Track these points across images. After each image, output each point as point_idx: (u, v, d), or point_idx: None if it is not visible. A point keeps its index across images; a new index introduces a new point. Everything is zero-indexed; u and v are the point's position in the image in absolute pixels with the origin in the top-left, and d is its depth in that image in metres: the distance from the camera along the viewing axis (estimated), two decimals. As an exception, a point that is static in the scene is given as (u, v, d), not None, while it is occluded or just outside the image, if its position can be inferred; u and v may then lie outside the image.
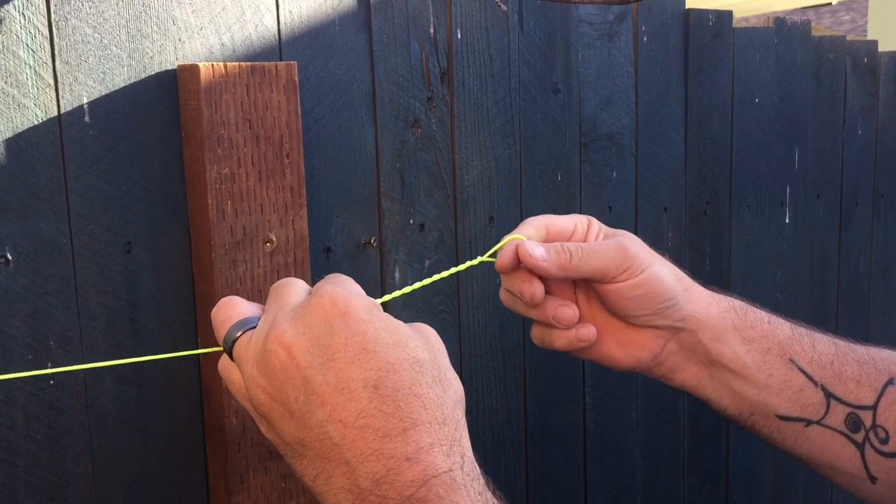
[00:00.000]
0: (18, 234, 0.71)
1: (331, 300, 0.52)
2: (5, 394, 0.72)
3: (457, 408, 0.52)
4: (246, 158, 0.79)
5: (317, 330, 0.51)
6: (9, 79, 0.70)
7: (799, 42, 1.39)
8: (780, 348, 0.71)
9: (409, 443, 0.48)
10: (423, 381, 0.51)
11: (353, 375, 0.50)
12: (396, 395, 0.49)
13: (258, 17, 0.83)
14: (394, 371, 0.50)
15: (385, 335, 0.52)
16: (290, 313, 0.53)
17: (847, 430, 0.70)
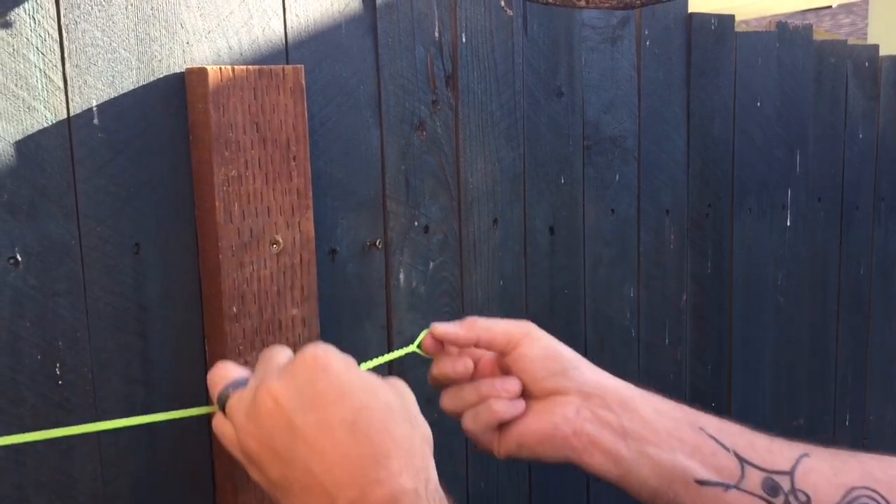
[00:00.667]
0: (28, 236, 0.72)
1: (313, 356, 0.60)
2: (14, 394, 0.73)
3: (424, 445, 0.60)
4: (253, 161, 0.80)
5: (300, 380, 0.59)
6: (19, 81, 0.71)
7: (800, 46, 1.40)
8: (689, 418, 0.73)
9: (380, 470, 0.56)
10: (393, 421, 0.58)
11: (332, 416, 0.57)
12: (370, 432, 0.57)
13: (265, 20, 0.83)
14: (368, 411, 0.58)
15: (360, 383, 0.60)
16: (277, 370, 0.61)
17: (766, 495, 0.70)
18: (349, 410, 0.57)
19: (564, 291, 1.13)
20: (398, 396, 0.61)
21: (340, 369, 0.60)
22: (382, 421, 0.58)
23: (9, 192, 0.71)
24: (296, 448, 0.57)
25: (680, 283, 1.27)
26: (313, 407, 0.57)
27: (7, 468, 0.73)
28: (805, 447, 0.74)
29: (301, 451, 0.57)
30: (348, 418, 0.57)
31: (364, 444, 0.56)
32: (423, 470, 0.58)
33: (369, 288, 0.94)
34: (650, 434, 0.72)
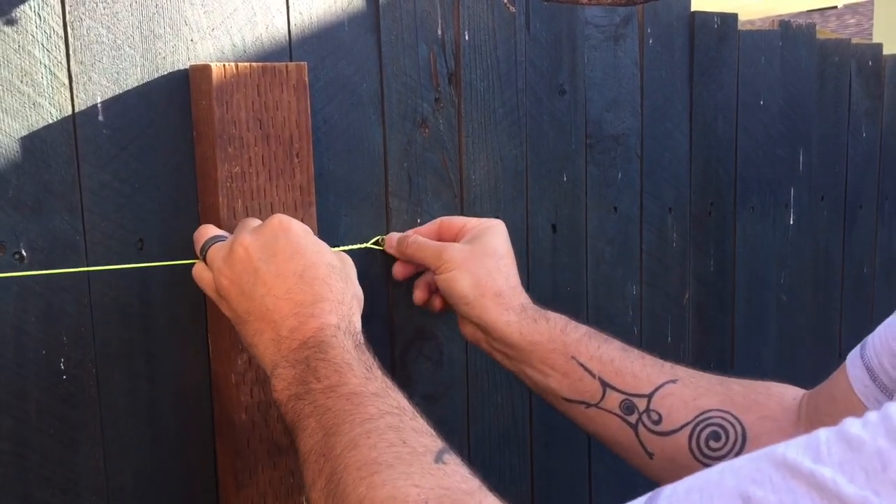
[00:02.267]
0: (33, 231, 0.72)
1: (278, 221, 0.74)
2: (19, 388, 0.73)
3: (353, 300, 0.74)
4: (256, 157, 0.80)
5: (266, 238, 0.72)
6: (24, 78, 0.71)
7: (804, 45, 1.40)
8: (564, 348, 0.86)
9: (315, 308, 0.70)
10: (332, 276, 0.73)
11: (286, 267, 0.71)
12: (313, 282, 0.71)
13: (269, 18, 0.84)
14: (314, 267, 0.72)
15: (312, 245, 0.74)
16: (250, 229, 0.74)
17: (621, 413, 0.84)
18: (300, 264, 0.71)
19: (566, 289, 1.13)
20: (341, 262, 0.76)
21: (298, 233, 0.73)
22: (324, 276, 0.72)
23: (14, 188, 0.71)
24: (256, 288, 0.71)
25: (682, 282, 1.27)
26: (273, 258, 0.71)
27: (11, 462, 0.73)
28: (678, 373, 0.85)
29: (260, 290, 0.71)
30: (298, 270, 0.71)
31: (307, 290, 0.71)
32: (347, 316, 0.72)
33: (372, 284, 0.95)
34: (525, 360, 0.88)
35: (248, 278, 0.71)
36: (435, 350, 1.01)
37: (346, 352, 0.67)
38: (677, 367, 0.87)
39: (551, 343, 0.87)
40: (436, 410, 1.02)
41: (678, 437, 0.82)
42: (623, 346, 0.88)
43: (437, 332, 1.01)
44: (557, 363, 0.86)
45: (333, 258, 0.75)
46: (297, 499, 0.85)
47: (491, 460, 1.08)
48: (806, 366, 1.50)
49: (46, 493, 0.75)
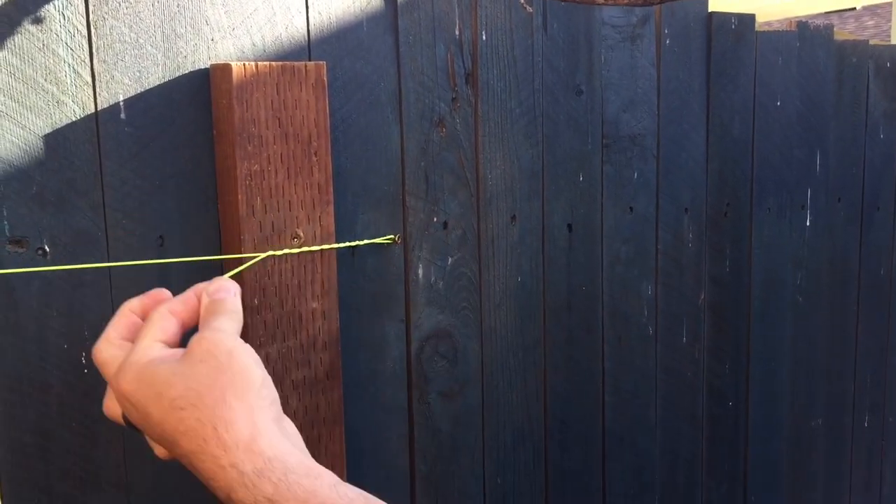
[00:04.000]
0: (56, 227, 0.74)
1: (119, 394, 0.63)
2: (41, 381, 0.74)
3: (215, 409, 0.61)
4: (275, 156, 0.81)
5: (131, 403, 0.63)
6: (48, 76, 0.72)
7: (821, 46, 1.40)
8: None
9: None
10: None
11: (166, 425, 0.61)
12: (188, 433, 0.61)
13: (289, 17, 0.85)
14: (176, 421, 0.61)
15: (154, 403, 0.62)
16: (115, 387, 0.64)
17: None
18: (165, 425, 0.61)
19: (582, 288, 1.14)
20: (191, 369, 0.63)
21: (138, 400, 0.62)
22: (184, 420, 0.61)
23: (38, 185, 0.73)
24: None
25: (698, 282, 1.27)
26: (148, 420, 0.62)
27: (33, 454, 0.74)
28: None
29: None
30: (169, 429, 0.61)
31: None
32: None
33: (388, 282, 0.96)
34: None
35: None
36: (450, 349, 1.02)
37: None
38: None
39: None
40: (451, 408, 1.03)
41: None
42: None
43: (453, 331, 1.02)
44: None
45: (190, 385, 0.61)
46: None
47: (505, 458, 1.08)
48: (822, 367, 1.50)
49: (67, 485, 0.76)
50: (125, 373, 0.62)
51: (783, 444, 1.44)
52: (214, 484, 0.60)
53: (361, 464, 0.95)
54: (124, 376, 0.62)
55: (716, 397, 1.33)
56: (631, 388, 1.21)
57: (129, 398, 0.62)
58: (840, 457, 1.57)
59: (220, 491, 0.59)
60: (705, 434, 1.32)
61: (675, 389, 1.27)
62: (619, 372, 1.20)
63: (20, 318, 0.73)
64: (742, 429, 1.37)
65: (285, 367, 0.84)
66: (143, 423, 0.63)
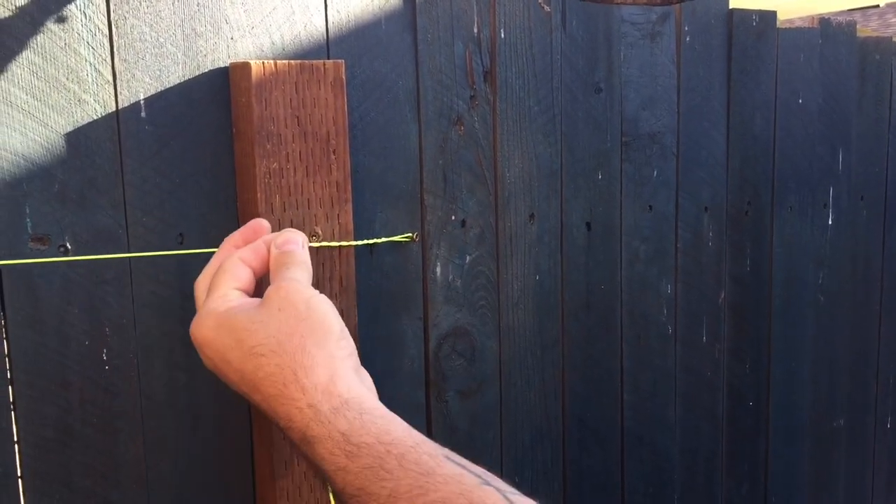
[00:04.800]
0: (78, 225, 0.74)
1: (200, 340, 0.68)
2: (62, 378, 0.75)
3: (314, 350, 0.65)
4: (294, 154, 0.81)
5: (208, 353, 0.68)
6: (70, 75, 0.73)
7: (844, 43, 1.38)
8: None
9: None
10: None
11: (243, 368, 0.66)
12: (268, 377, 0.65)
13: (307, 16, 0.85)
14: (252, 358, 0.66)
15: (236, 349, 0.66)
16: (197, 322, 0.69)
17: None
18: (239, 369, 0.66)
19: (601, 287, 1.13)
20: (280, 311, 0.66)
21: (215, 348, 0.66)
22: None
23: (60, 182, 0.73)
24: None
25: (718, 281, 1.26)
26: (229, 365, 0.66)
27: (53, 449, 0.75)
28: None
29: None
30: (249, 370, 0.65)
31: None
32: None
33: (406, 280, 0.96)
34: None
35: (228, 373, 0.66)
36: (468, 347, 1.02)
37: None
38: None
39: None
40: (469, 406, 1.03)
41: None
42: None
43: (471, 329, 1.02)
44: None
45: (270, 333, 0.64)
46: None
47: (524, 457, 1.08)
48: (844, 367, 1.48)
49: (88, 480, 0.77)
50: (204, 320, 0.66)
51: (804, 445, 1.43)
52: (291, 424, 0.61)
53: (379, 461, 0.95)
54: (204, 323, 0.66)
55: (736, 397, 1.32)
56: (650, 388, 1.21)
57: (210, 345, 0.65)
58: (862, 457, 1.55)
59: (296, 431, 0.61)
60: (725, 434, 1.31)
61: (694, 389, 1.26)
62: (638, 371, 1.19)
63: (42, 314, 0.74)
64: (762, 429, 1.36)
65: (304, 364, 0.85)
66: (221, 368, 0.65)
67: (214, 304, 0.66)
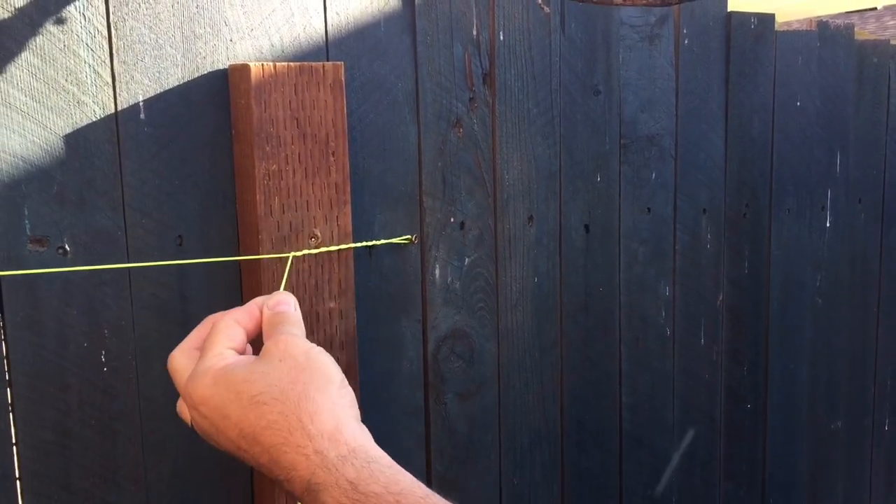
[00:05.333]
0: (77, 226, 0.74)
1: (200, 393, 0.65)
2: (61, 380, 0.75)
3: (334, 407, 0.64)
4: (293, 156, 0.81)
5: (207, 408, 0.65)
6: (69, 77, 0.73)
7: (842, 46, 1.39)
8: None
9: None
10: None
11: (244, 423, 0.63)
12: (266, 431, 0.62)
13: (307, 18, 0.85)
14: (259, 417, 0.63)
15: (246, 399, 0.63)
16: (185, 391, 0.66)
17: None
18: (245, 424, 0.63)
19: (599, 289, 1.13)
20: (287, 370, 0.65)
21: (221, 394, 0.64)
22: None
23: (58, 184, 0.73)
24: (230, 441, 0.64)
25: (716, 283, 1.26)
26: (227, 420, 0.63)
27: (53, 452, 0.75)
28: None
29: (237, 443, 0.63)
30: (249, 426, 0.63)
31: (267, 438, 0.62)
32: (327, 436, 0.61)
33: (405, 282, 0.96)
34: None
35: (222, 439, 0.64)
36: (467, 349, 1.02)
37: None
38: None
39: None
40: (467, 408, 1.03)
41: None
42: None
43: (470, 331, 1.02)
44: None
45: (272, 382, 0.63)
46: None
47: (522, 459, 1.08)
48: (842, 369, 1.49)
49: (87, 482, 0.77)
50: (200, 378, 0.65)
51: (802, 447, 1.43)
52: (293, 474, 0.60)
53: (378, 463, 0.95)
54: (200, 381, 0.64)
55: (734, 399, 1.32)
56: (648, 390, 1.21)
57: (205, 403, 0.64)
58: (860, 459, 1.56)
59: (299, 481, 0.60)
60: (723, 436, 1.31)
61: (692, 391, 1.26)
62: (637, 373, 1.19)
63: (41, 316, 0.73)
64: (760, 431, 1.36)
65: (302, 366, 0.84)
66: (219, 425, 0.63)
67: (210, 362, 0.65)
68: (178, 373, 0.68)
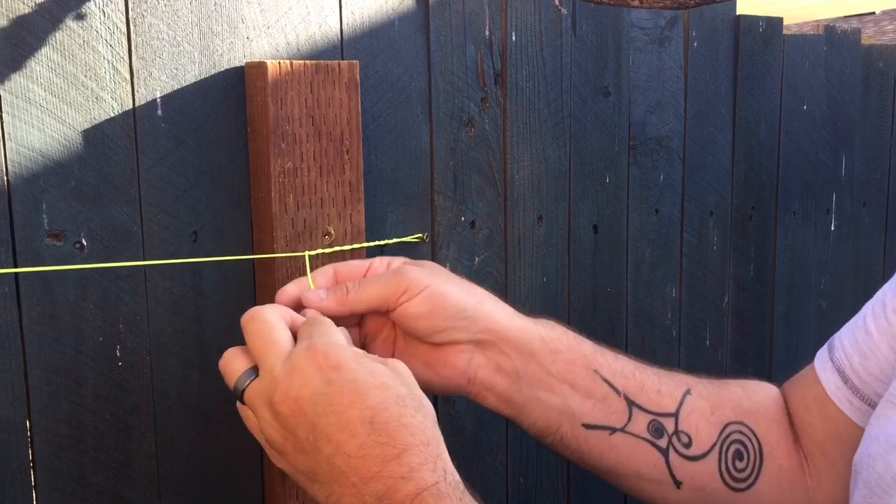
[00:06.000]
0: (93, 221, 0.75)
1: (323, 355, 0.61)
2: (77, 373, 0.75)
3: (434, 427, 0.61)
4: (308, 153, 0.82)
5: (315, 382, 0.61)
6: (88, 72, 0.73)
7: (848, 50, 1.39)
8: (584, 360, 0.74)
9: (402, 465, 0.58)
10: (406, 413, 0.60)
11: (351, 416, 0.59)
12: (388, 427, 0.59)
13: (322, 17, 0.86)
14: (383, 408, 0.59)
15: (371, 379, 0.61)
16: (288, 367, 0.62)
17: (650, 437, 0.74)
18: (367, 409, 0.59)
19: (607, 290, 1.14)
20: (404, 384, 0.62)
21: (351, 368, 0.61)
22: (398, 415, 0.59)
23: (76, 179, 0.74)
24: (320, 447, 0.60)
25: (722, 285, 1.27)
26: (333, 409, 0.59)
27: (67, 445, 0.75)
28: (686, 381, 0.78)
29: (325, 449, 0.59)
30: (367, 417, 0.59)
31: (384, 440, 0.58)
32: (439, 458, 0.59)
33: (416, 281, 0.96)
34: (544, 376, 0.73)
35: (307, 435, 0.60)
36: (476, 347, 1.02)
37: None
38: (676, 372, 0.79)
39: (571, 352, 0.75)
40: (476, 407, 1.03)
41: (709, 462, 0.75)
42: (626, 356, 0.78)
43: (479, 330, 1.02)
44: (579, 378, 0.74)
45: (398, 384, 0.62)
46: (340, 490, 0.87)
47: (528, 458, 1.09)
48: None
49: (101, 476, 0.77)
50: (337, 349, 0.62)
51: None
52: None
53: (387, 461, 0.96)
54: (341, 351, 0.62)
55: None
56: (654, 390, 1.21)
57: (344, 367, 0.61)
58: (861, 463, 1.56)
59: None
60: (727, 437, 1.32)
61: (697, 392, 1.26)
62: (643, 374, 1.20)
63: (57, 310, 0.74)
64: (764, 433, 1.37)
65: (315, 363, 0.85)
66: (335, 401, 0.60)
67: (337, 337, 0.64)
68: (233, 373, 0.67)
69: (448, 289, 0.72)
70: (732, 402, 0.78)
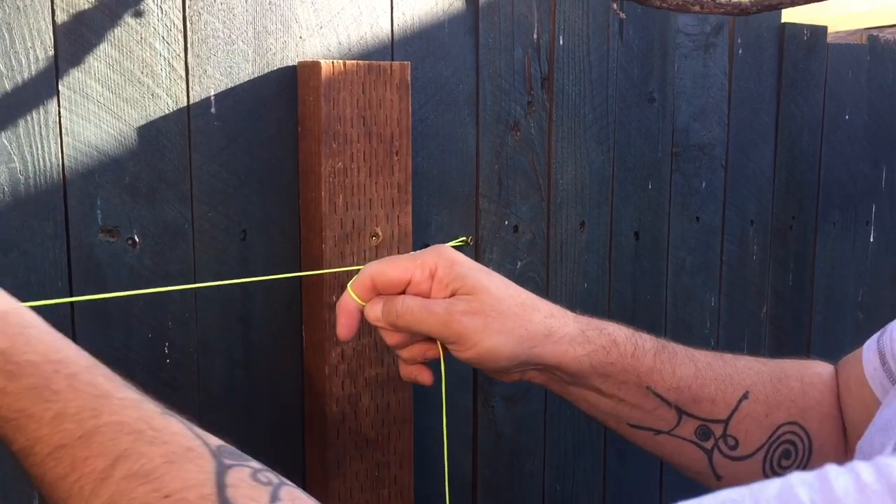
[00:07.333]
0: (146, 218, 0.75)
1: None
2: (127, 369, 0.75)
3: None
4: (359, 154, 0.81)
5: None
6: (145, 69, 0.73)
7: (891, 60, 1.38)
8: (637, 380, 0.74)
9: None
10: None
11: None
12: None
13: (374, 17, 0.85)
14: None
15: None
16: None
17: (696, 439, 0.75)
18: None
19: (646, 297, 1.13)
20: None
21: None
22: None
23: (130, 175, 0.74)
24: None
25: (761, 294, 1.26)
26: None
27: (115, 441, 0.75)
28: (748, 381, 0.77)
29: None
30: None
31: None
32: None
33: (459, 284, 0.95)
34: (594, 391, 0.75)
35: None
36: (516, 352, 1.01)
37: None
38: (741, 370, 0.78)
39: (624, 374, 0.75)
40: (515, 412, 1.03)
41: (754, 461, 0.77)
42: (692, 358, 0.78)
43: (520, 335, 1.01)
44: (629, 395, 0.75)
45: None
46: (381, 492, 0.86)
47: (565, 466, 1.08)
48: (880, 386, 1.48)
49: (146, 473, 0.77)
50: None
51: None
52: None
53: (425, 463, 0.95)
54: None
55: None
56: (690, 399, 1.20)
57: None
58: None
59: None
60: (762, 448, 1.31)
61: (733, 402, 1.25)
62: (680, 382, 1.19)
63: (108, 306, 0.74)
64: (798, 445, 1.35)
65: (359, 364, 0.85)
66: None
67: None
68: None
69: (499, 342, 0.70)
70: (788, 400, 0.77)
